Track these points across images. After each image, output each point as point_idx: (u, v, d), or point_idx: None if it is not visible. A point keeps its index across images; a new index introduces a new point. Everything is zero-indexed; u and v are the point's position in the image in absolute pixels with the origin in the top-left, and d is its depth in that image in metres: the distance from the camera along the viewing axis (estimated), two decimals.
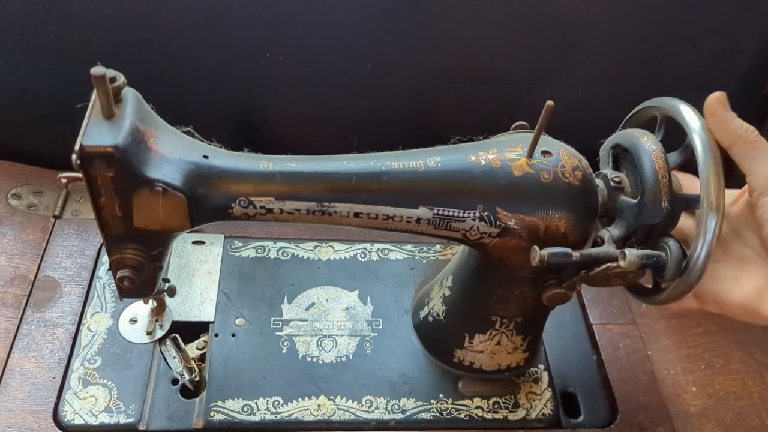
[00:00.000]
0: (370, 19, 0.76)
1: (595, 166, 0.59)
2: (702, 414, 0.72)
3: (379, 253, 0.81)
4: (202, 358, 0.68)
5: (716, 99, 0.52)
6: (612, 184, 0.56)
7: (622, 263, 0.51)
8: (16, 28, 0.74)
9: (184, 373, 0.65)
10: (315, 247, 0.80)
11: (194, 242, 0.78)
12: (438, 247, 0.83)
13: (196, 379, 0.65)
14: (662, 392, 0.72)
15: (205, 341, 0.70)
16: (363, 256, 0.80)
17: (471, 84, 0.84)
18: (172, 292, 0.67)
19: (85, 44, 0.76)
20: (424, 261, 0.81)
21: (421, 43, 0.79)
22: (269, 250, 0.79)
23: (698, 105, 0.54)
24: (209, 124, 0.57)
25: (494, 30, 0.78)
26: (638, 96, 0.62)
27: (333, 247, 0.81)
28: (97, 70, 0.44)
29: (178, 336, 0.68)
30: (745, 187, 0.54)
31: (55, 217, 0.78)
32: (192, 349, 0.69)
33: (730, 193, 0.57)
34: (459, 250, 0.68)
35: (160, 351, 0.68)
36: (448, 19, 0.77)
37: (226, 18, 0.75)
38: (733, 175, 0.54)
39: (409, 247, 0.82)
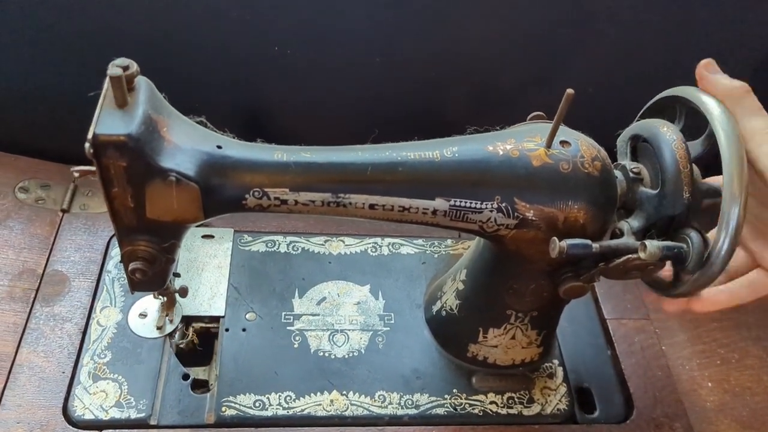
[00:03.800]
0: (378, 12, 0.76)
1: (612, 157, 0.58)
2: (718, 409, 0.71)
3: (390, 247, 0.80)
4: (200, 334, 0.69)
5: (703, 65, 0.54)
6: (631, 175, 0.56)
7: (642, 255, 0.51)
8: (24, 22, 0.74)
9: (176, 334, 0.67)
10: (325, 241, 0.79)
11: (204, 236, 0.78)
12: (449, 241, 0.82)
13: (181, 346, 0.67)
14: (678, 388, 0.72)
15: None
16: (374, 250, 0.80)
17: (481, 76, 0.83)
18: (184, 292, 0.66)
19: (94, 37, 0.75)
20: (436, 255, 0.80)
21: (429, 36, 0.78)
22: (279, 244, 0.78)
23: None
24: (221, 116, 0.57)
25: (505, 20, 0.77)
26: (654, 87, 0.61)
27: (344, 242, 0.80)
28: (114, 71, 0.44)
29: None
30: None
31: (63, 211, 0.77)
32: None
33: None
34: (473, 244, 0.67)
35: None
36: (458, 11, 0.76)
37: (235, 11, 0.74)
38: None
39: (420, 241, 0.81)
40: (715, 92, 0.53)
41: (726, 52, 0.81)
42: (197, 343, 0.69)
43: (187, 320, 0.70)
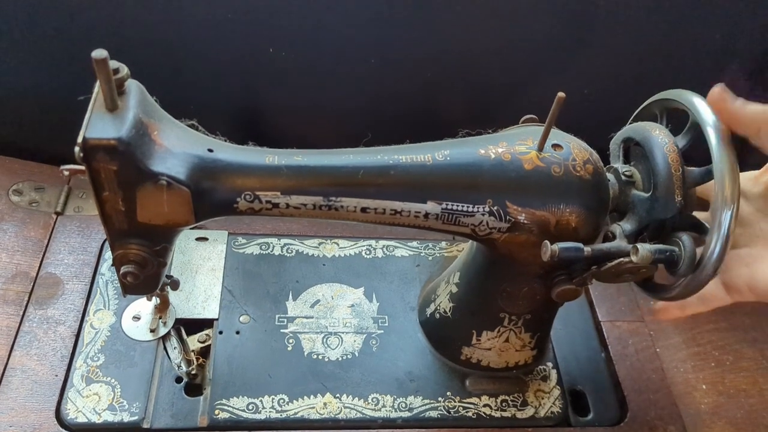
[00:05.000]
0: (373, 13, 0.75)
1: (604, 160, 0.58)
2: (713, 412, 0.71)
3: (384, 249, 0.80)
4: (204, 353, 0.68)
5: (718, 94, 0.50)
6: (623, 178, 0.56)
7: (634, 258, 0.50)
8: (18, 22, 0.74)
9: (182, 364, 0.65)
10: (320, 243, 0.79)
11: (197, 239, 0.78)
12: (444, 244, 0.82)
13: (193, 372, 0.65)
14: (672, 390, 0.72)
15: (207, 335, 0.69)
16: (368, 252, 0.80)
17: (476, 78, 0.83)
18: (175, 285, 0.66)
19: (87, 38, 0.75)
20: (430, 258, 0.80)
21: (424, 38, 0.78)
22: (273, 246, 0.78)
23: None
24: (212, 119, 0.57)
25: (499, 23, 0.77)
26: (647, 90, 0.61)
27: (338, 244, 0.80)
28: (98, 53, 0.43)
29: (182, 327, 0.68)
30: (766, 166, 0.53)
31: (57, 214, 0.77)
32: (193, 342, 0.68)
33: (750, 175, 0.56)
34: (466, 247, 0.67)
35: (164, 344, 0.67)
36: (452, 13, 0.76)
37: (230, 13, 0.74)
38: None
39: (414, 243, 0.81)
40: (744, 122, 0.49)
41: (720, 56, 0.81)
42: (199, 363, 0.68)
43: (181, 324, 0.69)
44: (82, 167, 0.47)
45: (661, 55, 0.80)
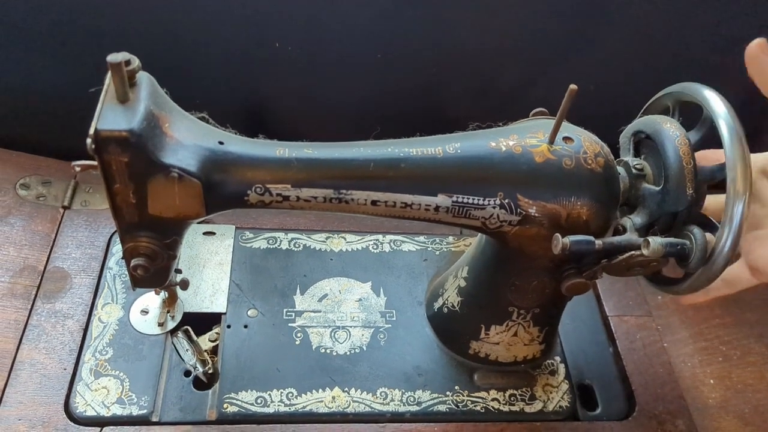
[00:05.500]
0: (379, 8, 0.75)
1: (615, 153, 0.57)
2: (720, 406, 0.71)
3: (392, 244, 0.80)
4: (214, 351, 0.68)
5: (758, 45, 0.50)
6: (634, 171, 0.55)
7: (645, 252, 0.50)
8: (24, 16, 0.73)
9: (198, 365, 0.65)
10: (327, 238, 0.79)
11: (205, 233, 0.78)
12: (451, 238, 0.82)
13: (210, 372, 0.65)
14: (680, 384, 0.72)
15: (217, 333, 0.69)
16: (375, 247, 0.79)
17: (484, 72, 0.83)
18: (185, 285, 0.66)
19: (94, 32, 0.75)
20: (437, 252, 0.80)
21: (431, 32, 0.78)
22: (281, 241, 0.78)
23: None
24: (221, 113, 0.57)
25: (508, 15, 0.77)
26: (657, 83, 0.60)
27: (345, 238, 0.80)
28: (113, 57, 0.44)
29: (189, 328, 0.68)
30: None
31: (65, 208, 0.77)
32: (204, 341, 0.68)
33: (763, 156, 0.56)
34: (475, 241, 0.67)
35: (173, 343, 0.67)
36: (459, 7, 0.76)
37: (236, 7, 0.74)
38: None
39: (421, 238, 0.81)
40: (762, 77, 0.50)
41: (729, 49, 0.81)
42: (215, 363, 0.67)
43: (189, 318, 0.69)
44: (94, 163, 0.47)
45: (671, 48, 0.80)
